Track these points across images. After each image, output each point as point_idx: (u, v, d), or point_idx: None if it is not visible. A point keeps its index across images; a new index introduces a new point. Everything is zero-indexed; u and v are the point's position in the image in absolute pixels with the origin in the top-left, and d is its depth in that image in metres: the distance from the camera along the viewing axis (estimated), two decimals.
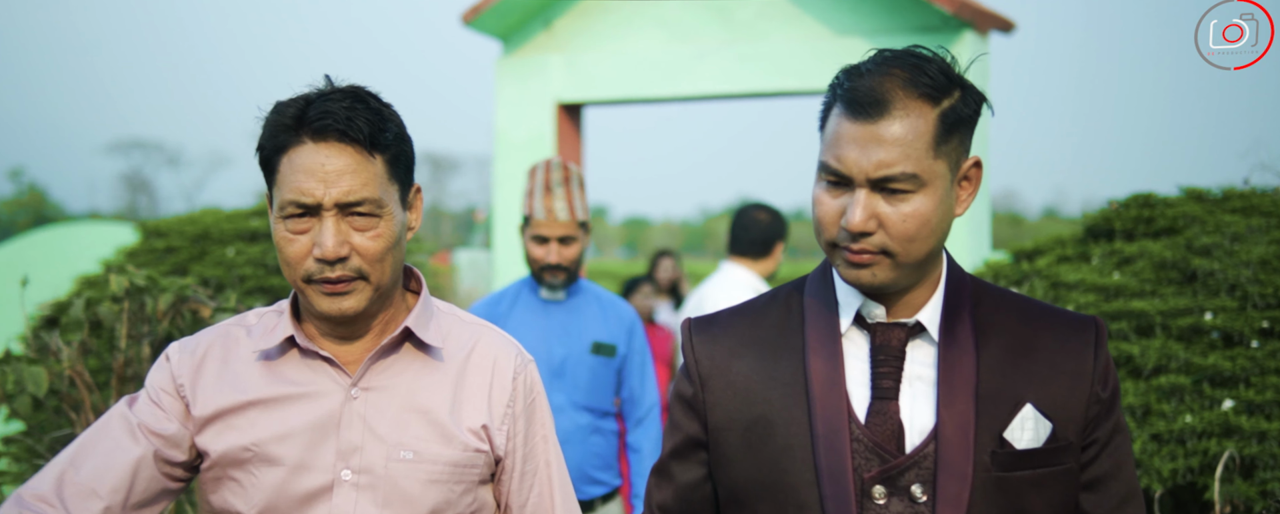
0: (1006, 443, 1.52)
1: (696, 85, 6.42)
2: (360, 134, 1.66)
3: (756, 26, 6.27)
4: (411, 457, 1.73)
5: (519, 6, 6.52)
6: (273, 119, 1.70)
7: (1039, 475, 1.53)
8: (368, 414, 1.74)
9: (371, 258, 1.69)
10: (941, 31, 5.81)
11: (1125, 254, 4.15)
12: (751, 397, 1.63)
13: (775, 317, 1.67)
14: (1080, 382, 1.57)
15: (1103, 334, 1.60)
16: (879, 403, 1.56)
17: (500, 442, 1.81)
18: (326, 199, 1.65)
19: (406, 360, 1.79)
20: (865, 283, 1.54)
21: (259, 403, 1.73)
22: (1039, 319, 1.62)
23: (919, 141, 1.50)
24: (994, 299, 1.64)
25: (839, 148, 1.52)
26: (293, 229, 1.68)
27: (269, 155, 1.70)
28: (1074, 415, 1.56)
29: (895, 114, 1.50)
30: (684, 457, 1.70)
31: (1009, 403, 1.54)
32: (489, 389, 1.82)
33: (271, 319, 1.81)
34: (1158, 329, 3.77)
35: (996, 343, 1.58)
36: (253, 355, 1.77)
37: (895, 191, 1.50)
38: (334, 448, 1.72)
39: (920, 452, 1.53)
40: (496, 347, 1.86)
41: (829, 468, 1.54)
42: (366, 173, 1.67)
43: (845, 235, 1.52)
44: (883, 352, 1.57)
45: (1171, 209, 4.25)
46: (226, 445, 1.72)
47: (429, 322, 1.82)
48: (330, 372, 1.75)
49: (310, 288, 1.69)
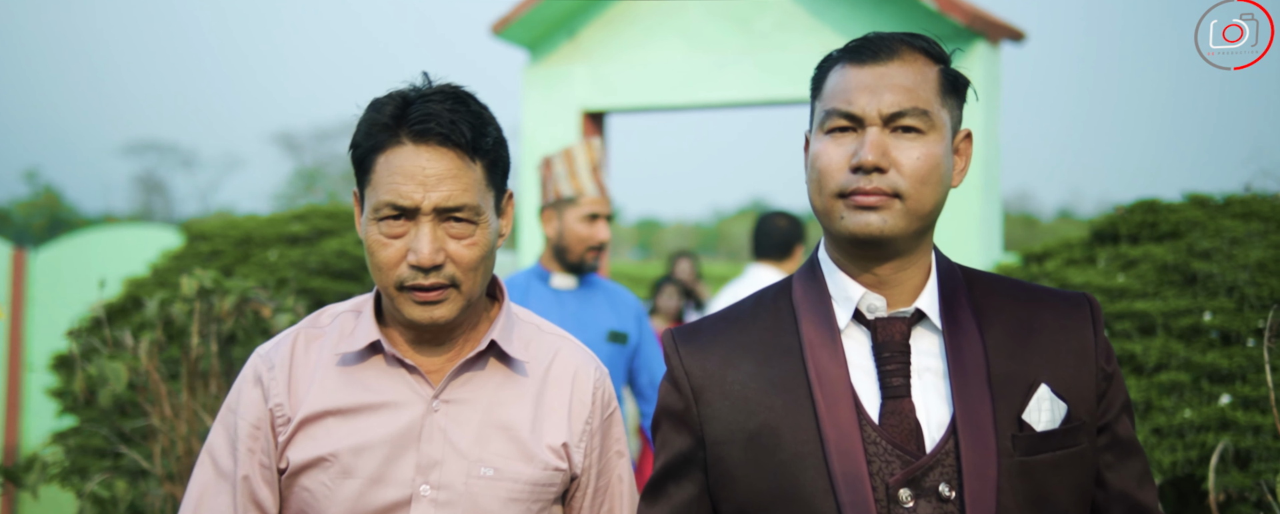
0: (1026, 425, 1.50)
1: (717, 93, 6.64)
2: (463, 138, 1.61)
3: (775, 37, 6.49)
4: (491, 474, 1.68)
5: (545, 18, 6.76)
6: (370, 117, 1.66)
7: (1058, 458, 1.50)
8: (449, 428, 1.69)
9: (466, 266, 1.64)
10: (954, 42, 6.02)
11: (1129, 257, 4.36)
12: (752, 406, 1.56)
13: (766, 319, 1.62)
14: (1086, 359, 1.55)
15: (1098, 310, 1.60)
16: (892, 402, 1.51)
17: (578, 459, 1.76)
18: (425, 203, 1.60)
19: (489, 373, 1.74)
20: (874, 231, 1.50)
21: (338, 412, 1.69)
22: (1034, 299, 1.61)
23: (926, 85, 1.52)
24: (985, 282, 1.62)
25: (848, 93, 1.52)
26: (387, 232, 1.63)
27: (364, 154, 1.65)
28: (1086, 395, 1.54)
29: (903, 59, 1.53)
30: (678, 475, 1.63)
31: (1023, 385, 1.52)
32: (569, 405, 1.76)
33: (348, 321, 1.76)
34: (1159, 329, 3.98)
35: (998, 325, 1.56)
36: (333, 360, 1.72)
37: (907, 130, 1.50)
38: (413, 461, 1.67)
39: (942, 448, 1.49)
40: (577, 360, 1.80)
41: (844, 474, 1.48)
42: (466, 178, 1.63)
43: (854, 178, 1.50)
44: (887, 348, 1.53)
45: (1174, 214, 4.47)
46: (305, 455, 1.68)
47: (512, 333, 1.76)
48: (412, 381, 1.70)
49: (402, 295, 1.64)
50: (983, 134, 5.87)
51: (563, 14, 6.81)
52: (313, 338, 1.76)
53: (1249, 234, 4.20)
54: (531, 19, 6.70)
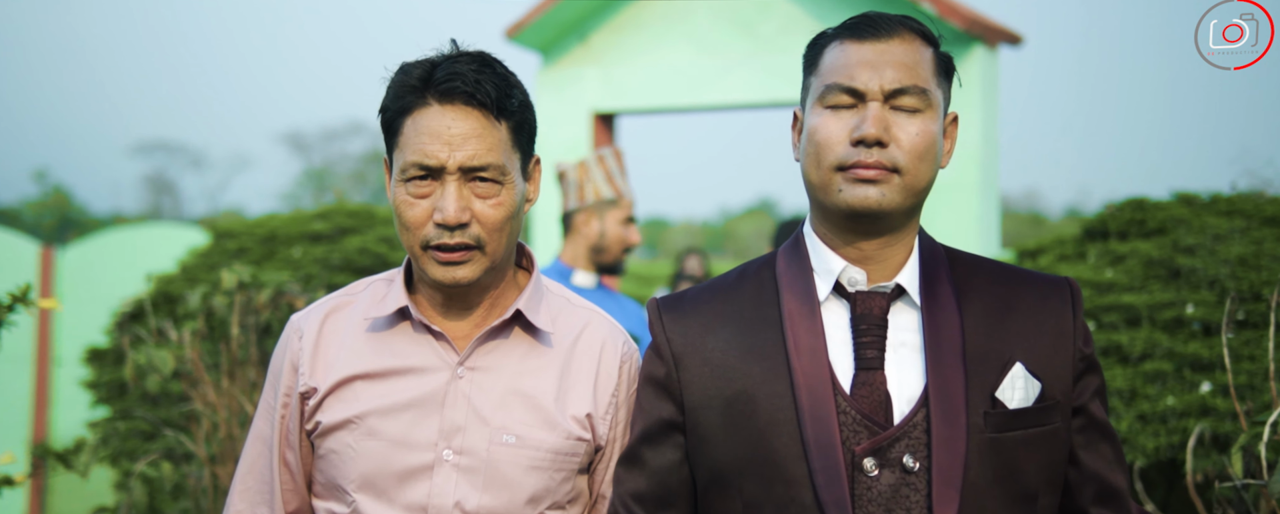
0: (999, 403, 1.52)
1: (723, 95, 6.86)
2: (487, 98, 1.63)
3: (779, 41, 6.70)
4: (514, 441, 1.69)
5: (557, 22, 6.98)
6: (398, 80, 1.67)
7: (1030, 435, 1.52)
8: (473, 394, 1.70)
9: (492, 226, 1.65)
10: (953, 46, 6.23)
11: (1118, 253, 4.57)
12: (730, 372, 1.58)
13: (749, 290, 1.64)
14: (1063, 340, 1.57)
15: (1077, 293, 1.62)
16: (864, 374, 1.53)
17: (603, 431, 1.76)
18: (451, 162, 1.62)
19: (514, 342, 1.75)
20: (872, 204, 1.52)
21: (366, 376, 1.72)
22: (1014, 280, 1.63)
23: (924, 64, 1.56)
24: (967, 262, 1.64)
25: (849, 68, 1.54)
26: (414, 193, 1.64)
27: (392, 117, 1.67)
28: (1062, 375, 1.56)
29: (902, 38, 1.56)
30: (656, 440, 1.65)
31: (998, 363, 1.53)
32: (595, 377, 1.77)
33: (381, 288, 1.79)
34: (1144, 320, 4.19)
35: (978, 303, 1.58)
36: (363, 325, 1.75)
37: (905, 108, 1.53)
38: (437, 426, 1.69)
39: (909, 421, 1.51)
40: (605, 332, 1.81)
41: (816, 440, 1.50)
42: (492, 138, 1.64)
43: (854, 151, 1.52)
44: (865, 321, 1.56)
45: (1162, 212, 4.67)
46: (333, 417, 1.71)
47: (540, 304, 1.78)
48: (438, 347, 1.72)
49: (426, 255, 1.66)
50: (981, 135, 6.08)
51: (574, 19, 7.04)
52: (345, 305, 1.80)
53: (1231, 231, 4.40)
54: (544, 23, 6.92)
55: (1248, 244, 4.30)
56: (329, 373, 1.73)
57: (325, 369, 1.74)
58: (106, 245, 7.87)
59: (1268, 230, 4.39)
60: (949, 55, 1.61)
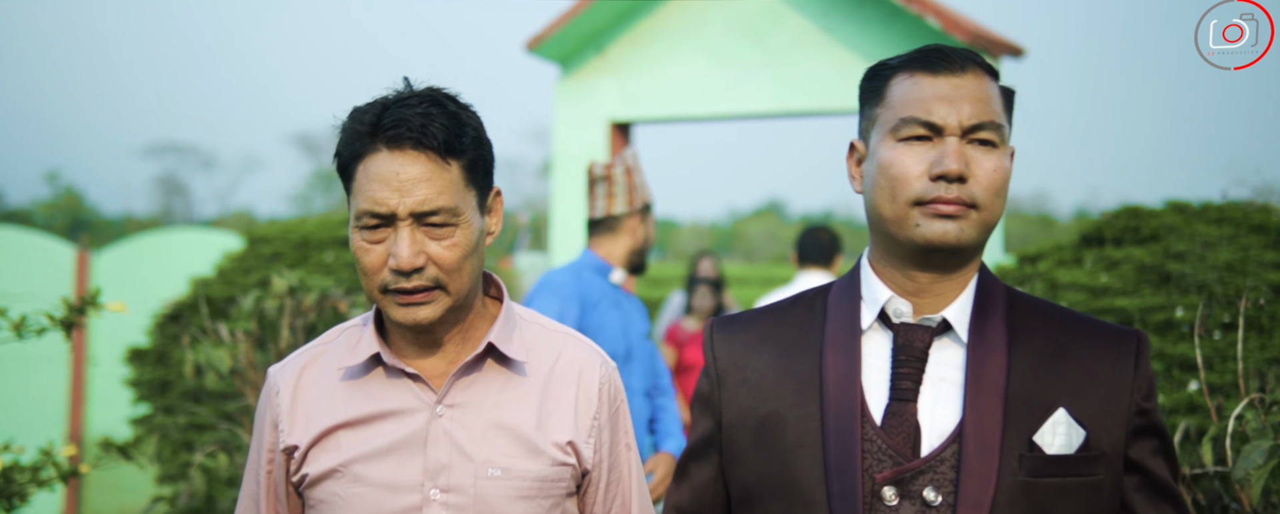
0: (1036, 446, 1.48)
1: (736, 105, 7.11)
2: (435, 141, 1.63)
3: (790, 53, 6.96)
4: (499, 474, 1.71)
5: (576, 35, 7.25)
6: (349, 126, 1.68)
7: (1068, 484, 1.48)
8: (454, 431, 1.71)
9: (448, 267, 1.65)
10: None
11: (1113, 258, 4.80)
12: (765, 394, 1.59)
13: (798, 315, 1.65)
14: (1119, 392, 1.52)
15: (1144, 346, 1.56)
16: (896, 404, 1.52)
17: (588, 454, 1.78)
18: (401, 209, 1.62)
19: (490, 375, 1.76)
20: (951, 240, 1.50)
21: (347, 424, 1.73)
22: (1077, 327, 1.58)
23: (995, 100, 1.54)
24: (1028, 306, 1.60)
25: (925, 102, 1.52)
26: (369, 239, 1.65)
27: (346, 162, 1.68)
28: (1112, 427, 1.51)
29: (974, 72, 1.54)
30: (699, 456, 1.69)
31: (1040, 407, 1.50)
32: (575, 401, 1.78)
33: (354, 334, 1.79)
34: (1136, 322, 4.42)
35: (1029, 348, 1.54)
36: (338, 374, 1.76)
37: (984, 142, 1.52)
38: (421, 466, 1.70)
39: (938, 455, 1.49)
40: (582, 357, 1.82)
41: (837, 464, 1.50)
42: (442, 181, 1.64)
43: (933, 186, 1.49)
44: (904, 352, 1.54)
45: (1155, 220, 4.90)
46: (319, 468, 1.72)
47: (512, 334, 1.79)
48: (415, 389, 1.73)
49: (386, 298, 1.67)
50: None
51: (592, 31, 7.30)
52: (319, 355, 1.81)
53: (1220, 238, 4.63)
54: (563, 36, 7.19)
55: (1235, 251, 4.53)
56: (309, 426, 1.75)
57: (305, 423, 1.75)
58: (140, 249, 8.14)
59: (1254, 237, 4.62)
60: (1011, 89, 1.61)
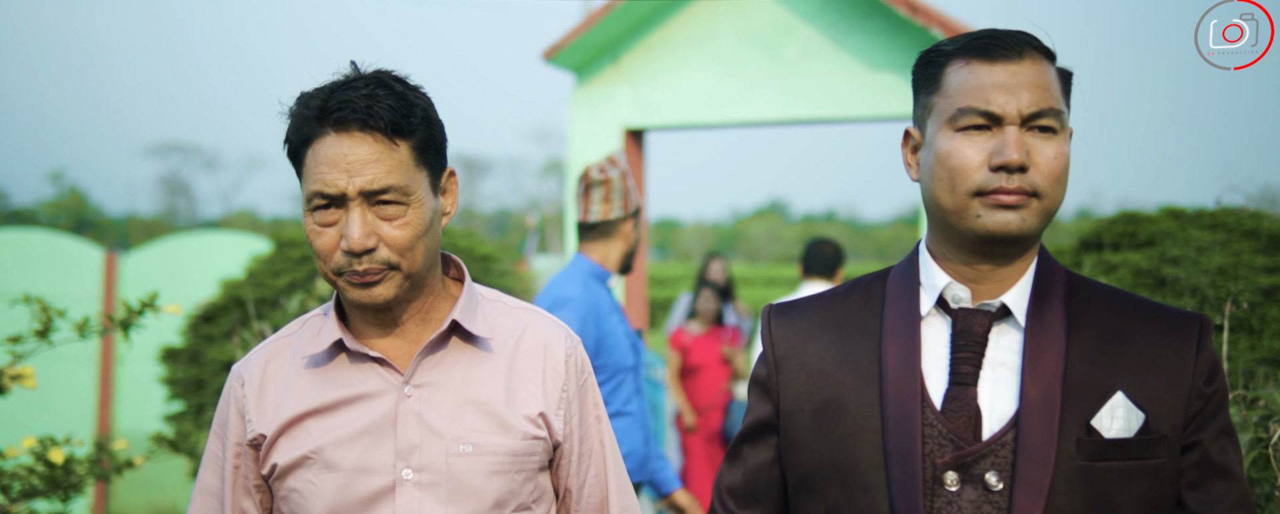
0: (1094, 430, 1.47)
1: (746, 113, 7.35)
2: (381, 122, 1.63)
3: (800, 63, 7.19)
4: (471, 450, 1.71)
5: (591, 45, 7.48)
6: (297, 112, 1.68)
7: (1128, 468, 1.47)
8: (423, 411, 1.71)
9: (399, 247, 1.65)
10: None
11: (1111, 263, 5.02)
12: (824, 379, 1.59)
13: (856, 301, 1.64)
14: (1180, 376, 1.50)
15: (1207, 330, 1.54)
16: (956, 389, 1.51)
17: (558, 426, 1.79)
18: (350, 189, 1.62)
19: (456, 353, 1.76)
20: (1013, 230, 1.49)
21: (315, 412, 1.72)
22: (1138, 312, 1.56)
23: (1054, 85, 1.52)
24: (1089, 291, 1.59)
25: (983, 91, 1.49)
26: (320, 221, 1.65)
27: (295, 148, 1.68)
28: (1172, 410, 1.49)
29: (1031, 57, 1.51)
30: (755, 439, 1.68)
31: (1098, 390, 1.49)
32: (542, 374, 1.79)
33: (316, 323, 1.79)
34: None
35: (1088, 332, 1.53)
36: (303, 362, 1.75)
37: (1044, 129, 1.49)
38: (392, 448, 1.70)
39: (998, 440, 1.48)
40: (546, 330, 1.83)
41: (898, 450, 1.50)
42: (391, 160, 1.64)
43: (994, 177, 1.48)
44: (964, 337, 1.53)
45: (1151, 225, 5.12)
46: (288, 457, 1.72)
47: (475, 312, 1.79)
48: (381, 371, 1.73)
49: (341, 280, 1.67)
50: None
51: (607, 41, 7.54)
52: (284, 347, 1.80)
53: (1213, 243, 4.85)
54: (579, 46, 7.42)
55: (1228, 255, 4.75)
56: (276, 415, 1.74)
57: (272, 413, 1.74)
58: (167, 251, 8.36)
59: (1246, 242, 4.85)
60: (1068, 70, 1.58)
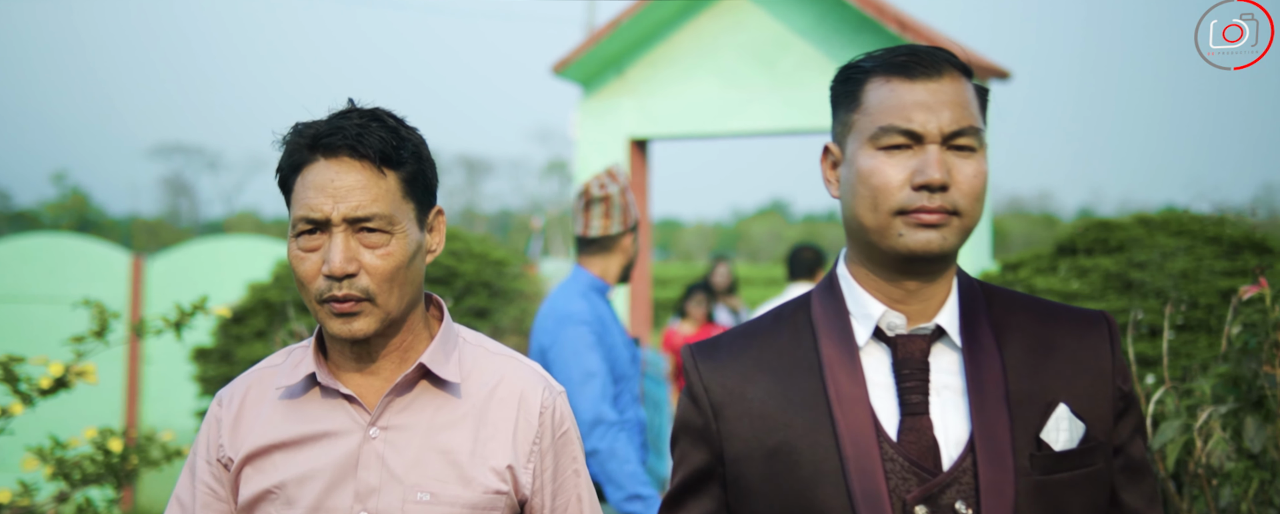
0: (1044, 445, 1.48)
1: (746, 124, 7.73)
2: (371, 150, 1.64)
3: (796, 76, 7.57)
4: (428, 499, 1.68)
5: (598, 59, 7.87)
6: (290, 141, 1.70)
7: (1075, 477, 1.49)
8: (386, 454, 1.69)
9: (380, 277, 1.63)
10: None
11: (1083, 267, 5.38)
12: (771, 423, 1.54)
13: (785, 336, 1.60)
14: (1103, 379, 1.53)
15: (1115, 329, 1.57)
16: (910, 419, 1.49)
17: (526, 481, 1.74)
18: (335, 214, 1.62)
19: (426, 397, 1.74)
20: (934, 248, 1.48)
21: (282, 445, 1.72)
22: (1052, 316, 1.58)
23: (972, 103, 1.51)
24: (1004, 299, 1.60)
25: (904, 109, 1.48)
26: (304, 247, 1.65)
27: (286, 176, 1.69)
28: (1103, 414, 1.52)
29: (950, 75, 1.51)
30: (697, 490, 1.62)
31: (1041, 404, 1.50)
32: (514, 426, 1.75)
33: (298, 355, 1.78)
34: None
35: (1017, 343, 1.54)
36: (278, 394, 1.75)
37: (962, 148, 1.49)
38: (352, 490, 1.68)
39: (959, 466, 1.47)
40: (524, 381, 1.78)
41: (863, 492, 1.46)
42: (378, 188, 1.64)
43: (916, 196, 1.47)
44: (907, 365, 1.51)
45: (1121, 232, 5.47)
46: (253, 489, 1.71)
47: (450, 355, 1.76)
48: (350, 410, 1.71)
49: (323, 309, 1.65)
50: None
51: (613, 55, 7.93)
52: (267, 376, 1.80)
53: (1177, 248, 5.21)
54: (586, 60, 7.81)
55: (1190, 260, 5.10)
56: (245, 443, 1.74)
57: (243, 440, 1.74)
58: (191, 256, 8.72)
59: (1208, 248, 5.21)
60: (985, 88, 1.60)
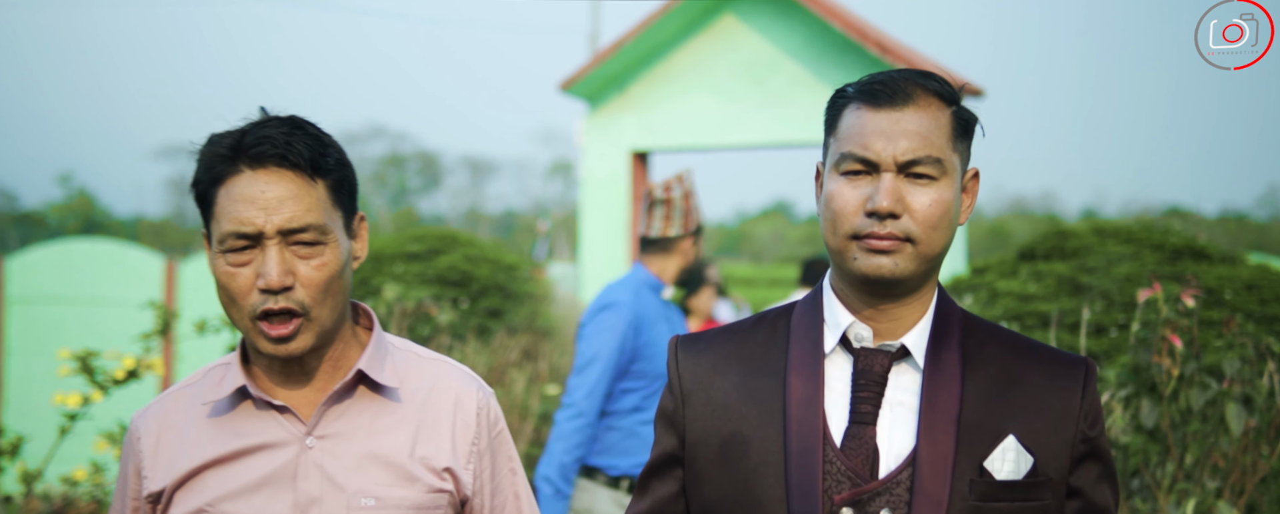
0: (986, 472, 1.51)
1: (739, 137, 8.33)
2: (300, 158, 1.60)
3: (786, 93, 8.18)
4: (373, 504, 1.66)
5: (602, 77, 8.49)
6: (207, 151, 1.63)
7: (1016, 508, 1.51)
8: (325, 463, 1.67)
9: (316, 288, 1.60)
10: None
11: (1041, 271, 5.93)
12: (730, 413, 1.60)
13: (763, 336, 1.65)
14: (1066, 420, 1.55)
15: (1092, 375, 1.58)
16: (856, 427, 1.54)
17: (467, 480, 1.74)
18: (268, 227, 1.58)
19: (363, 403, 1.71)
20: (886, 273, 1.51)
21: (214, 463, 1.67)
22: (1028, 354, 1.60)
23: (940, 132, 1.52)
24: (984, 332, 1.62)
25: (864, 137, 1.52)
26: (234, 262, 1.59)
27: (205, 189, 1.63)
28: (1058, 453, 1.54)
29: (918, 104, 1.52)
30: (662, 472, 1.68)
31: (991, 433, 1.52)
32: (452, 428, 1.74)
33: (219, 372, 1.73)
34: (1053, 323, 5.58)
35: (983, 374, 1.56)
36: (204, 411, 1.70)
37: (920, 176, 1.51)
38: (291, 501, 1.65)
39: (894, 478, 1.51)
40: (457, 382, 1.78)
41: (799, 486, 1.52)
42: (309, 198, 1.60)
43: (868, 222, 1.51)
44: (864, 376, 1.55)
45: (1076, 240, 6.02)
46: (185, 510, 1.66)
47: (384, 361, 1.73)
48: (283, 421, 1.68)
49: (256, 327, 1.61)
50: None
51: (616, 74, 8.54)
52: (184, 397, 1.74)
53: (1123, 255, 5.76)
54: (591, 79, 8.44)
55: (1135, 265, 5.65)
56: (172, 469, 1.68)
57: (168, 466, 1.69)
58: None
59: (1152, 254, 5.76)
60: (969, 113, 1.59)
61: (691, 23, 8.38)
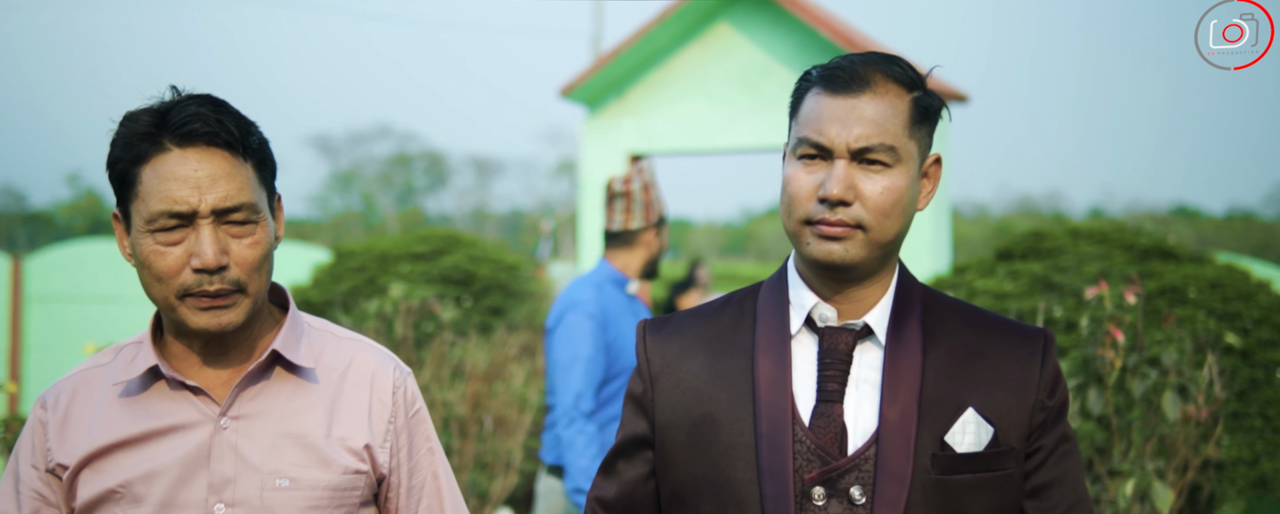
0: (947, 446, 1.51)
1: (733, 141, 8.64)
2: (231, 136, 1.58)
3: (778, 98, 8.46)
4: (287, 484, 1.64)
5: (601, 83, 8.80)
6: (126, 129, 1.59)
7: (978, 480, 1.52)
8: (240, 444, 1.64)
9: (250, 266, 1.59)
10: None
11: (1018, 271, 6.21)
12: (699, 396, 1.60)
13: (729, 318, 1.65)
14: (1025, 390, 1.55)
15: (1051, 345, 1.58)
16: (823, 405, 1.54)
17: (384, 459, 1.73)
18: (203, 206, 1.55)
19: (278, 384, 1.69)
20: (836, 259, 1.52)
21: (123, 443, 1.64)
22: (988, 328, 1.61)
23: (896, 119, 1.51)
24: (944, 307, 1.63)
25: (819, 122, 1.51)
26: (164, 242, 1.57)
27: (125, 168, 1.59)
28: (1018, 422, 1.54)
29: (875, 90, 1.51)
30: (630, 454, 1.68)
31: (951, 406, 1.53)
32: (369, 406, 1.73)
33: (130, 351, 1.70)
34: (1027, 319, 5.88)
35: (944, 348, 1.57)
36: (115, 391, 1.67)
37: (873, 163, 1.50)
38: (205, 482, 1.62)
39: (861, 455, 1.52)
40: (374, 361, 1.77)
41: (770, 468, 1.52)
42: (241, 177, 1.59)
43: (820, 208, 1.51)
44: (830, 355, 1.56)
45: (1051, 240, 6.28)
46: (93, 491, 1.63)
47: (299, 341, 1.71)
48: (196, 402, 1.65)
49: (184, 304, 1.58)
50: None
51: (614, 79, 8.86)
52: (95, 376, 1.71)
53: (1094, 255, 6.03)
54: (591, 84, 8.75)
55: (1105, 264, 5.91)
56: (79, 446, 1.65)
57: (76, 443, 1.66)
58: None
59: (1122, 254, 6.04)
60: (932, 98, 1.57)
61: (687, 30, 8.68)
